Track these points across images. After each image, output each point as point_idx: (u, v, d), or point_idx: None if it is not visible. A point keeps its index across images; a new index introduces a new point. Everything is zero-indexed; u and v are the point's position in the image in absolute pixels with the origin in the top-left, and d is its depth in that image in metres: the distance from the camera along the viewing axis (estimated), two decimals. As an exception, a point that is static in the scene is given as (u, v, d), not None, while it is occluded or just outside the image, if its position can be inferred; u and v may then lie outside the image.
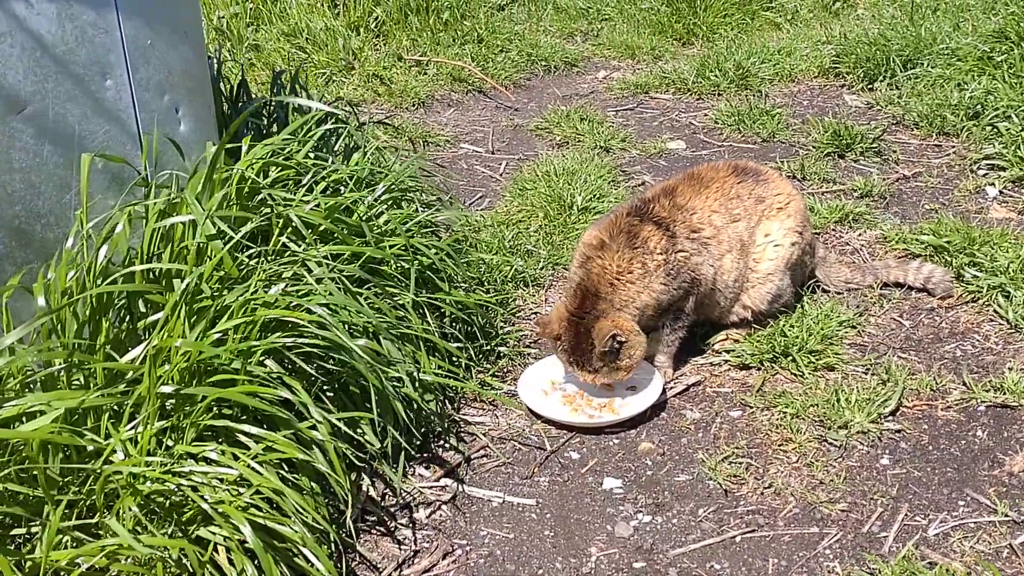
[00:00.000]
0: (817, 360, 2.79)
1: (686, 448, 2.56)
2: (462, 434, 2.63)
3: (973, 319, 2.98)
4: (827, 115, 4.69)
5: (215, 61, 3.60)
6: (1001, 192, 3.78)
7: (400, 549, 2.24)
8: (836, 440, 2.50)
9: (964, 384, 2.68)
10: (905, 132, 4.47)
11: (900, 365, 2.77)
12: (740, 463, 2.46)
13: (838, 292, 3.16)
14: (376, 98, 5.19)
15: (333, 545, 2.12)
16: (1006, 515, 2.22)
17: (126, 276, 2.14)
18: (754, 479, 2.41)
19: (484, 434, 2.63)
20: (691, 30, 6.27)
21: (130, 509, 1.86)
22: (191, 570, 1.88)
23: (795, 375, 2.77)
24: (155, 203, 2.25)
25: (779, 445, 2.51)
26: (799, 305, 3.01)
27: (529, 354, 2.97)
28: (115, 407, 2.02)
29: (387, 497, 2.39)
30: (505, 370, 2.91)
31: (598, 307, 2.64)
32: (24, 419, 1.92)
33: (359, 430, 2.35)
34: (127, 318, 2.20)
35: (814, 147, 4.34)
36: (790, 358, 2.81)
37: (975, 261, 3.15)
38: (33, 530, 1.90)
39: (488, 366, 2.91)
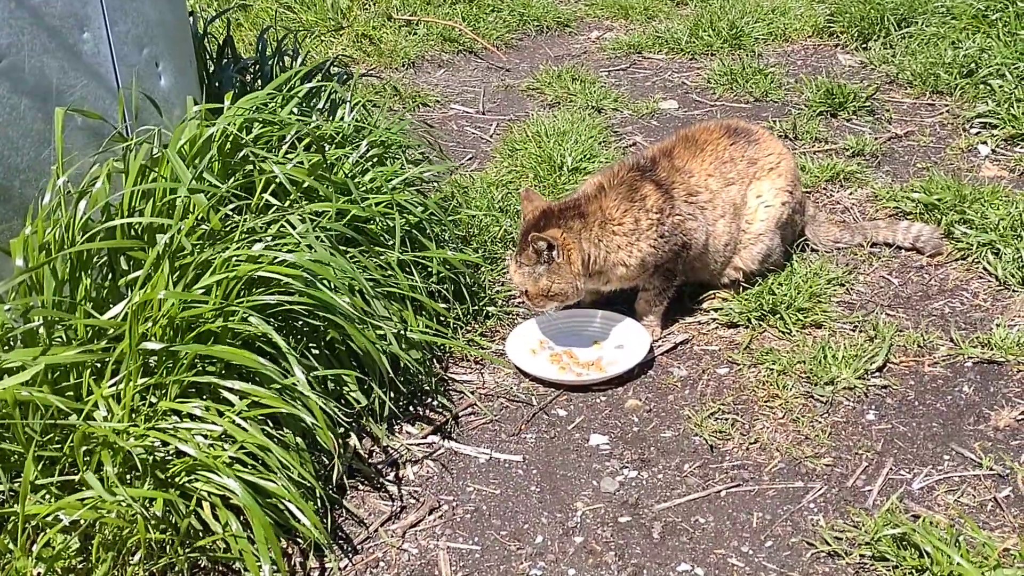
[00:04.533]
0: (805, 318, 2.78)
1: (673, 405, 2.55)
2: (450, 392, 2.63)
3: (962, 276, 2.97)
4: (820, 74, 4.65)
5: (200, 18, 3.56)
6: (993, 150, 3.76)
7: (387, 505, 2.24)
8: (822, 396, 2.50)
9: (951, 340, 2.68)
10: (898, 91, 4.44)
11: (888, 322, 2.76)
12: (726, 419, 2.46)
13: (827, 251, 3.15)
14: (365, 58, 5.14)
15: (320, 501, 2.11)
16: (991, 469, 2.23)
17: (107, 232, 2.12)
18: (740, 435, 2.41)
19: (472, 392, 2.62)
20: (685, -11, 6.20)
21: (107, 465, 1.84)
22: (175, 524, 1.88)
23: (783, 333, 2.76)
24: (136, 158, 2.22)
25: (765, 401, 2.51)
26: (788, 264, 3.00)
27: (517, 314, 2.96)
28: (97, 364, 2.01)
29: (374, 454, 2.38)
30: (493, 329, 2.90)
31: (572, 222, 2.62)
32: (5, 375, 1.91)
33: (346, 388, 2.35)
34: (109, 275, 2.18)
35: (807, 106, 4.31)
36: (778, 316, 2.80)
37: (965, 219, 3.13)
38: (16, 488, 1.90)
39: (476, 325, 2.89)
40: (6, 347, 2.00)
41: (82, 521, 1.86)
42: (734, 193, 2.83)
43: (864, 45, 4.99)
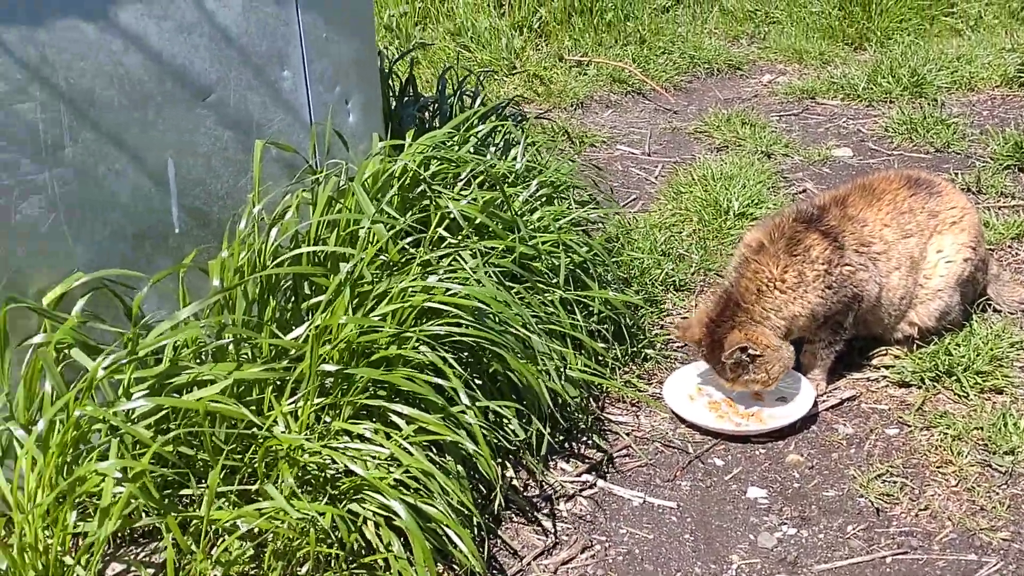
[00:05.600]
0: (984, 381, 2.64)
1: (837, 463, 2.47)
2: (605, 432, 2.63)
3: None
4: (1008, 126, 4.43)
5: (386, 58, 3.74)
6: None
7: (540, 539, 2.26)
8: (1001, 466, 2.36)
9: None
10: (1096, 146, 4.17)
11: (1078, 392, 2.60)
12: (894, 482, 2.36)
13: (1011, 312, 2.99)
14: (535, 98, 5.25)
15: (476, 529, 2.16)
16: None
17: (293, 259, 2.26)
18: (908, 500, 2.31)
19: (627, 434, 2.62)
20: (864, 35, 6.05)
21: (286, 479, 1.95)
22: (342, 540, 1.96)
23: (959, 396, 2.64)
24: (324, 190, 2.35)
25: (938, 467, 2.39)
26: (967, 323, 2.86)
27: (676, 358, 2.95)
28: (278, 382, 2.13)
29: (529, 487, 2.42)
30: (651, 372, 2.89)
31: (737, 317, 2.59)
32: (196, 387, 2.05)
33: (505, 419, 2.40)
34: (293, 299, 2.32)
35: (992, 159, 4.11)
36: (954, 378, 2.67)
37: None
38: (201, 493, 2.03)
39: (634, 367, 2.89)
40: (198, 360, 2.15)
41: (257, 530, 1.96)
42: (912, 245, 2.73)
43: (1058, 96, 4.73)
